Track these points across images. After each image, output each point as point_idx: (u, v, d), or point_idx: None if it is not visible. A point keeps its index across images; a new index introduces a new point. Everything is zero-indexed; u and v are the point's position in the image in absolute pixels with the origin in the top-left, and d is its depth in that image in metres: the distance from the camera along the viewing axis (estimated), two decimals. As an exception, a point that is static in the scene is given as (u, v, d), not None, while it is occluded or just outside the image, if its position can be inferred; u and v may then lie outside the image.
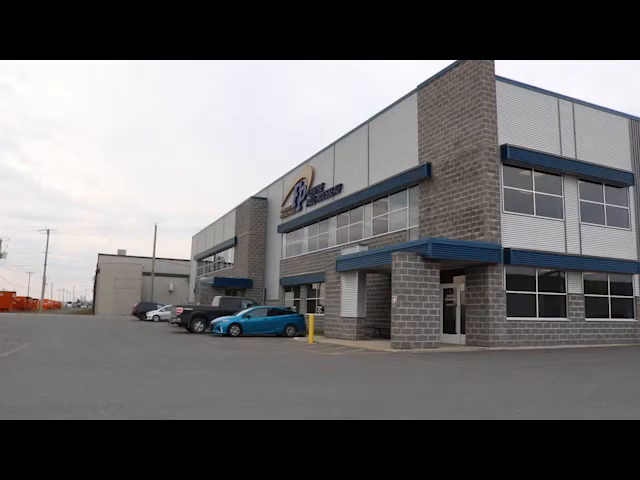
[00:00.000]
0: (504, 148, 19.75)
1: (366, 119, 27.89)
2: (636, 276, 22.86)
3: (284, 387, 9.53)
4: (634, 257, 22.84)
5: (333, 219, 30.61)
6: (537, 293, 20.21)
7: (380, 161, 25.94)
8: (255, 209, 41.35)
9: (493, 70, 20.10)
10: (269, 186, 41.60)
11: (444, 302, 21.21)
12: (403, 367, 13.45)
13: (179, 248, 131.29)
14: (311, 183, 33.25)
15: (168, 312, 40.68)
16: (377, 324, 24.45)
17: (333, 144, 31.31)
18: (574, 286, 21.13)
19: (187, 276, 67.73)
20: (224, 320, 25.53)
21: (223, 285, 41.04)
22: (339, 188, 29.74)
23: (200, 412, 6.79)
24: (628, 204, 23.33)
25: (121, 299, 65.41)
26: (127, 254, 75.94)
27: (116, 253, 76.23)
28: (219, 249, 49.40)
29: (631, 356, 17.16)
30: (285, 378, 10.98)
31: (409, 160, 23.50)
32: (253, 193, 43.41)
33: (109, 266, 68.65)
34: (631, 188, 23.37)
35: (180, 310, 28.35)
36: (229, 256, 46.51)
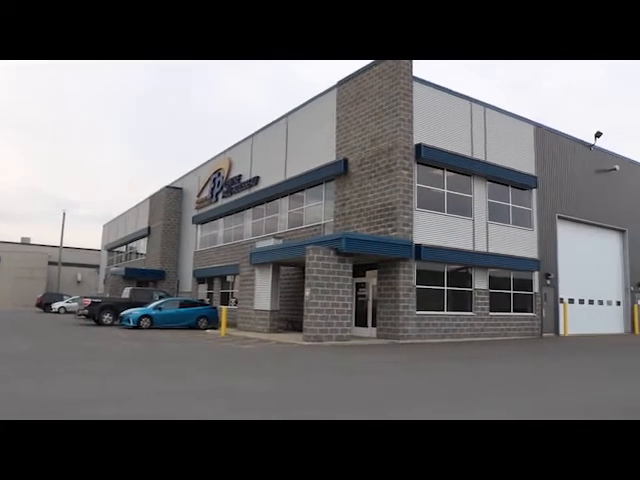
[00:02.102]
0: (419, 147, 20.27)
1: (285, 112, 27.81)
2: (536, 273, 24.17)
3: (194, 379, 9.34)
4: (535, 255, 24.15)
5: (249, 211, 30.35)
6: (445, 288, 20.94)
7: (298, 155, 25.95)
8: (170, 199, 40.30)
9: (411, 71, 20.55)
10: (185, 176, 40.65)
11: (356, 296, 21.56)
12: (313, 359, 13.55)
13: (89, 237, 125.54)
14: (228, 174, 32.78)
15: (75, 304, 38.90)
16: (290, 317, 24.50)
17: (251, 136, 31.01)
18: (480, 282, 22.06)
19: (97, 266, 65.03)
20: (134, 312, 24.78)
21: (134, 276, 39.73)
22: (256, 180, 29.50)
23: (107, 408, 6.50)
24: (531, 205, 24.60)
25: (23, 290, 61.69)
26: (32, 242, 71.94)
27: (19, 241, 72.02)
28: (131, 239, 47.77)
29: (520, 348, 18.09)
30: (195, 370, 10.77)
31: (326, 155, 23.65)
32: (169, 182, 42.35)
33: (10, 254, 64.72)
34: (534, 191, 24.65)
35: (88, 301, 27.23)
36: (141, 246, 45.09)
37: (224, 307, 23.77)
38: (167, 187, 40.87)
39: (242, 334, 21.66)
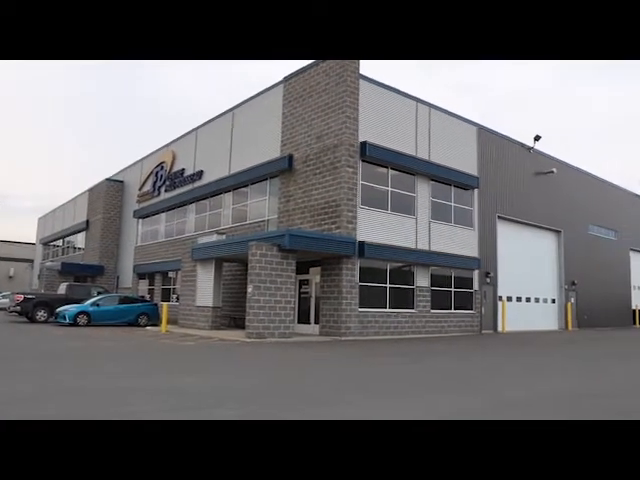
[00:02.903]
0: (364, 145, 20.32)
1: (231, 106, 27.39)
2: (476, 271, 24.69)
3: (131, 378, 9.00)
4: (475, 254, 24.65)
5: (192, 206, 29.77)
6: (388, 286, 21.10)
7: (243, 150, 25.60)
8: (110, 192, 39.07)
9: (358, 69, 20.57)
10: (127, 168, 39.48)
11: (299, 293, 21.48)
12: (253, 356, 13.39)
13: (23, 230, 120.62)
14: (171, 168, 32.05)
15: (7, 300, 37.24)
16: (233, 314, 24.19)
17: (196, 129, 30.42)
18: (422, 280, 22.35)
19: (31, 261, 62.50)
20: (70, 309, 23.89)
21: (72, 271, 38.32)
22: (200, 174, 28.95)
23: (46, 408, 6.14)
24: (473, 205, 25.10)
25: (-52, 285, 58.79)
26: (-41, 235, 68.62)
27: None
28: (69, 233, 46.06)
29: (459, 345, 18.43)
30: (133, 368, 10.41)
31: (271, 151, 23.42)
32: (109, 175, 41.08)
33: None
34: (476, 191, 25.16)
35: (20, 297, 26.05)
36: (79, 241, 43.59)
37: (165, 303, 23.24)
38: (107, 180, 39.63)
39: (183, 331, 21.26)
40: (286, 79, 23.25)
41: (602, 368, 12.47)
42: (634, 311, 37.09)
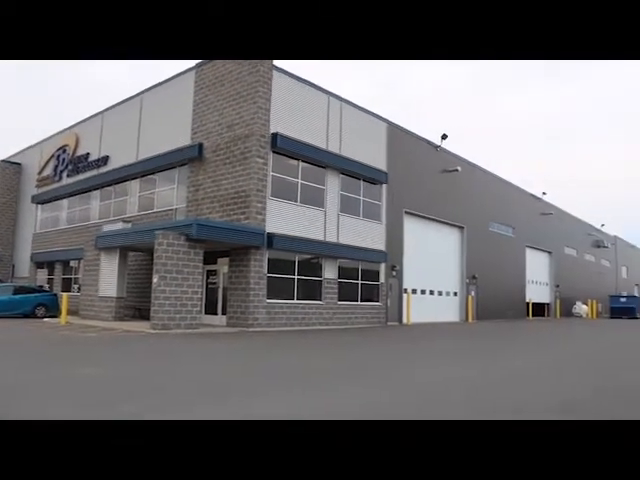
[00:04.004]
0: (275, 136, 20.27)
1: (140, 90, 26.47)
2: (383, 265, 25.33)
3: (27, 369, 8.56)
4: (382, 248, 25.28)
5: (96, 192, 28.53)
6: (296, 277, 21.22)
7: (152, 136, 24.80)
8: (6, 175, 36.61)
9: (271, 59, 20.45)
10: (25, 150, 37.08)
11: (207, 283, 21.20)
12: (156, 348, 13.09)
13: None
14: (74, 152, 30.54)
15: None
16: (138, 305, 23.46)
17: (102, 112, 29.13)
18: (330, 272, 22.65)
19: None
20: (-42, 299, 22.36)
21: (-38, 259, 35.81)
22: (105, 160, 27.79)
23: None
24: (381, 200, 25.70)
25: None
26: None
27: None
28: (-41, 217, 42.97)
29: (360, 337, 18.90)
30: (26, 362, 9.89)
31: (181, 138, 22.86)
32: (5, 157, 38.53)
33: None
34: (384, 186, 25.76)
35: None
36: (-29, 226, 40.75)
37: (65, 294, 22.20)
38: (3, 161, 37.17)
39: (85, 322, 20.46)
40: (198, 65, 22.75)
41: (491, 358, 13.17)
42: (528, 304, 39.44)
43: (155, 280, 17.66)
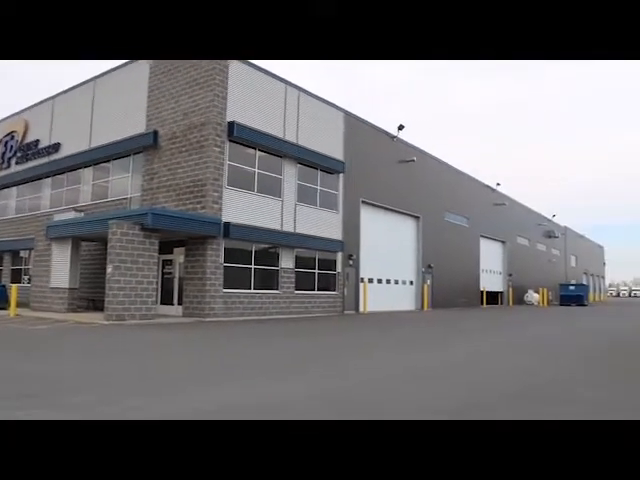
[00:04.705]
0: (231, 125, 20.11)
1: (93, 76, 25.81)
2: (340, 254, 25.50)
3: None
4: (339, 237, 25.44)
5: (47, 180, 27.76)
6: (253, 267, 21.19)
7: (105, 123, 24.23)
8: (-49, 161, 35.30)
9: (227, 46, 20.21)
10: (-29, 136, 35.82)
11: (162, 273, 20.97)
12: (110, 339, 12.92)
13: None
14: (23, 138, 29.59)
15: None
16: (92, 296, 23.02)
17: (52, 98, 28.29)
18: (287, 261, 22.69)
19: None
20: None
21: None
22: (56, 147, 27.04)
23: None
24: (338, 189, 25.82)
25: None
26: None
27: None
28: None
29: (314, 325, 19.08)
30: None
31: (136, 126, 22.42)
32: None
33: None
34: (341, 175, 25.88)
35: None
36: None
37: (15, 285, 21.61)
38: (-52, 148, 35.77)
39: (36, 314, 19.97)
40: (152, 52, 22.28)
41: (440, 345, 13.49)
42: (482, 292, 40.36)
43: (109, 270, 17.37)
